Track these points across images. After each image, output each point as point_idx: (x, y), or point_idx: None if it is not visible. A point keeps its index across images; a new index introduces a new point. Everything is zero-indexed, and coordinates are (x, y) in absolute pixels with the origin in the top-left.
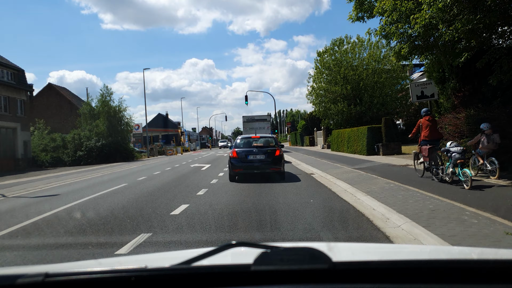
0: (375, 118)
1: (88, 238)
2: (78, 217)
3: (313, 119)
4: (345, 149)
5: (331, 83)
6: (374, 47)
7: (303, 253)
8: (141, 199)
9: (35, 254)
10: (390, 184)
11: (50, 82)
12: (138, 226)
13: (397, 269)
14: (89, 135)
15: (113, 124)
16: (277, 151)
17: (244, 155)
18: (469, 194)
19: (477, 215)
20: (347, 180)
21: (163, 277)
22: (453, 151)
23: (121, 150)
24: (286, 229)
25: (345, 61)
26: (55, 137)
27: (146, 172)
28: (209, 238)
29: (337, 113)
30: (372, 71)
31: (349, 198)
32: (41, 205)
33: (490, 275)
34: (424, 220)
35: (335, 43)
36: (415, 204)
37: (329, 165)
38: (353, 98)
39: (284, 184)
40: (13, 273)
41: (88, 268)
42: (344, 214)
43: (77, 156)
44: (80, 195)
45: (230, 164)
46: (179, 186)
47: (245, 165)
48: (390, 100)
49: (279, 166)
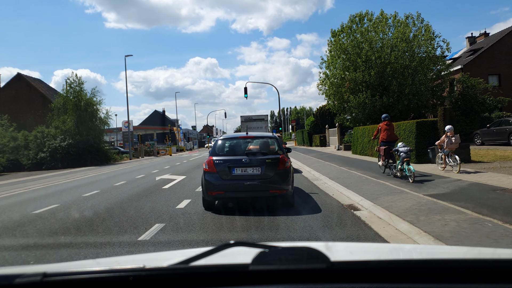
0: (405, 112)
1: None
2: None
3: (324, 115)
4: (374, 153)
5: (350, 69)
6: (403, 25)
7: (301, 253)
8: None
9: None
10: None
11: (19, 72)
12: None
13: (395, 269)
14: (54, 133)
15: (83, 120)
16: (281, 161)
17: (227, 167)
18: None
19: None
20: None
21: (161, 276)
22: (401, 151)
23: (92, 151)
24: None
25: (367, 41)
26: (16, 135)
27: (64, 196)
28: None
29: (358, 106)
30: (402, 53)
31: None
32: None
33: (488, 275)
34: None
35: (354, 19)
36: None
37: (373, 183)
38: (378, 86)
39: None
40: (11, 273)
41: (87, 268)
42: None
43: (38, 159)
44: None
45: (204, 182)
46: (89, 234)
47: (229, 184)
48: (424, 89)
49: (285, 186)
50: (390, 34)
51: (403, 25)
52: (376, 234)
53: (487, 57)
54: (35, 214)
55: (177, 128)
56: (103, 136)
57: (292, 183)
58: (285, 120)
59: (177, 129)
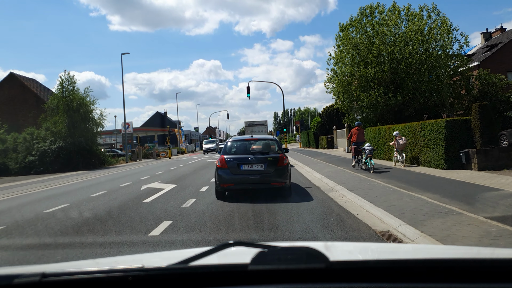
0: (420, 112)
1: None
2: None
3: (331, 115)
4: (391, 156)
5: (360, 65)
6: (417, 18)
7: (300, 253)
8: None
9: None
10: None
11: (12, 72)
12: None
13: (394, 268)
14: (44, 135)
15: (75, 121)
16: (280, 159)
17: (236, 164)
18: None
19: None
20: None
21: (160, 276)
22: (367, 149)
23: (84, 154)
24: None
25: (378, 35)
26: (5, 137)
27: (14, 213)
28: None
29: (369, 105)
30: (417, 47)
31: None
32: None
33: (487, 274)
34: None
35: (364, 12)
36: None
37: (406, 196)
38: (391, 84)
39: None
40: (10, 273)
41: (86, 268)
42: None
43: (26, 162)
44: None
45: (216, 177)
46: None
47: (238, 178)
48: (442, 87)
49: (284, 180)
50: (403, 28)
51: (418, 17)
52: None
53: (506, 52)
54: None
55: (179, 129)
56: (96, 138)
57: (290, 178)
58: (290, 122)
59: (178, 130)
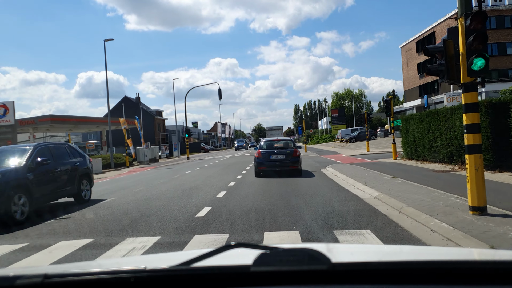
0: None
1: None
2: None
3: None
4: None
5: None
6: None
7: (302, 254)
8: None
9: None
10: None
11: None
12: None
13: (396, 270)
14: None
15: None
16: (294, 152)
17: (267, 155)
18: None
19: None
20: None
21: (162, 278)
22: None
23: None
24: None
25: None
26: None
27: None
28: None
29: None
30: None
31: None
32: None
33: (489, 276)
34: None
35: None
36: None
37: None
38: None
39: None
40: (13, 274)
41: (88, 269)
42: None
43: None
44: None
45: (255, 163)
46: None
47: (268, 163)
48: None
49: (297, 165)
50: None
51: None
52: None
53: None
54: None
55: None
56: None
57: (301, 163)
58: (320, 113)
59: (133, 122)
